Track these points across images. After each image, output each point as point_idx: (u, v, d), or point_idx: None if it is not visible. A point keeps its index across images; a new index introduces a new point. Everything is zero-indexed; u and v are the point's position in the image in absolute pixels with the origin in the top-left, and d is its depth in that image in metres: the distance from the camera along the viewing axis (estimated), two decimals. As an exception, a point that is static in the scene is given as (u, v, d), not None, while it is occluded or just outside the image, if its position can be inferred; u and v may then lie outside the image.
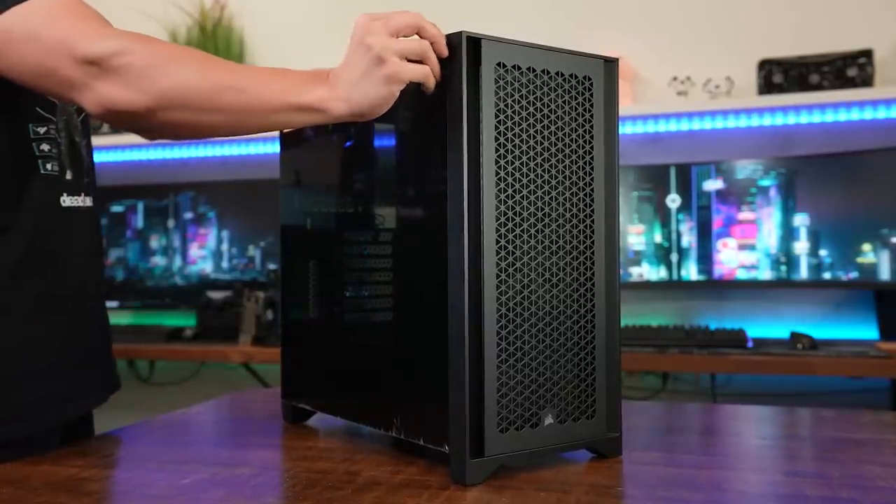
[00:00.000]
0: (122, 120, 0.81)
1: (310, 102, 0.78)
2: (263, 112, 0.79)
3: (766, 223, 2.13)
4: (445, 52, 0.78)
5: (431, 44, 0.78)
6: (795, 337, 1.98)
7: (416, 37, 0.79)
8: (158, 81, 0.77)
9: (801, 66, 2.11)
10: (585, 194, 0.83)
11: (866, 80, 2.06)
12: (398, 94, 0.78)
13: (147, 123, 0.81)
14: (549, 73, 0.80)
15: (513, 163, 0.78)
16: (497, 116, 0.77)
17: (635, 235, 2.23)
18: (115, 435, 1.01)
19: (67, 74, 0.78)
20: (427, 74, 0.77)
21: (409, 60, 0.77)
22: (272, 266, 2.43)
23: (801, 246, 2.09)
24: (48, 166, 0.94)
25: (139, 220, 2.62)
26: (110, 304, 2.55)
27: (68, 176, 0.97)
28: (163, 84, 0.77)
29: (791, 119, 2.21)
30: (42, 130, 0.94)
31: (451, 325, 0.76)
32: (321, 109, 0.78)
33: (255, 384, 2.44)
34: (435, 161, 0.79)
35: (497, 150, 0.77)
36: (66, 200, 0.96)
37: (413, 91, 0.80)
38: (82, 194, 0.99)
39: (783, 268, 2.11)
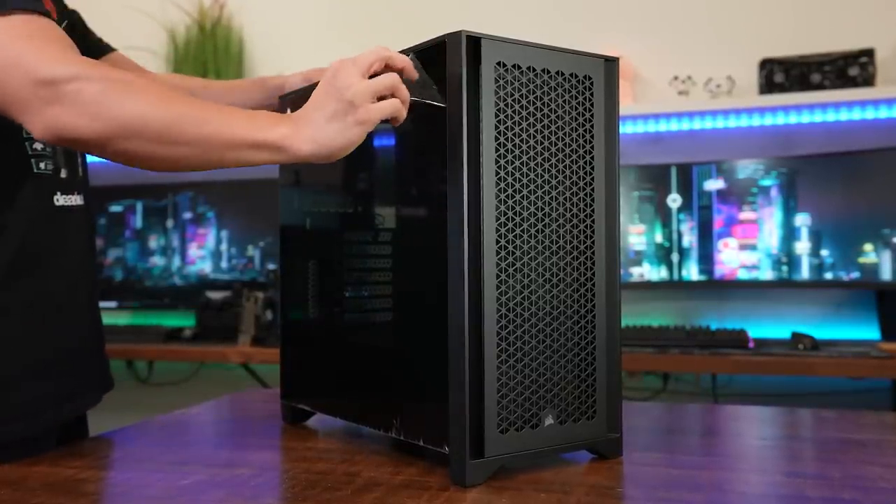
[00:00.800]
0: (74, 146, 0.80)
1: (273, 140, 0.76)
2: (223, 146, 0.77)
3: (768, 223, 2.12)
4: (414, 74, 0.79)
5: (401, 71, 0.79)
6: (797, 337, 1.98)
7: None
8: (113, 110, 0.75)
9: (803, 65, 2.11)
10: (586, 194, 0.83)
11: (868, 80, 2.06)
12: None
13: (99, 152, 0.79)
14: (549, 72, 0.80)
15: (513, 162, 0.78)
16: (497, 116, 0.77)
17: (636, 235, 2.23)
18: (114, 436, 1.00)
19: (19, 94, 0.76)
20: (397, 108, 0.78)
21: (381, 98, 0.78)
22: (271, 266, 2.43)
23: (803, 246, 2.09)
24: (42, 165, 0.93)
25: (138, 220, 2.62)
26: (109, 304, 2.56)
27: (63, 174, 0.96)
28: (117, 112, 0.75)
29: (792, 119, 2.20)
30: None
31: (451, 326, 0.76)
32: (284, 147, 0.76)
33: (255, 385, 2.43)
34: (435, 161, 0.79)
35: (497, 150, 0.77)
36: (60, 199, 0.96)
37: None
38: (76, 193, 0.99)
39: (784, 268, 2.11)
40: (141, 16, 2.54)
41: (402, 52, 0.83)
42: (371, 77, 0.78)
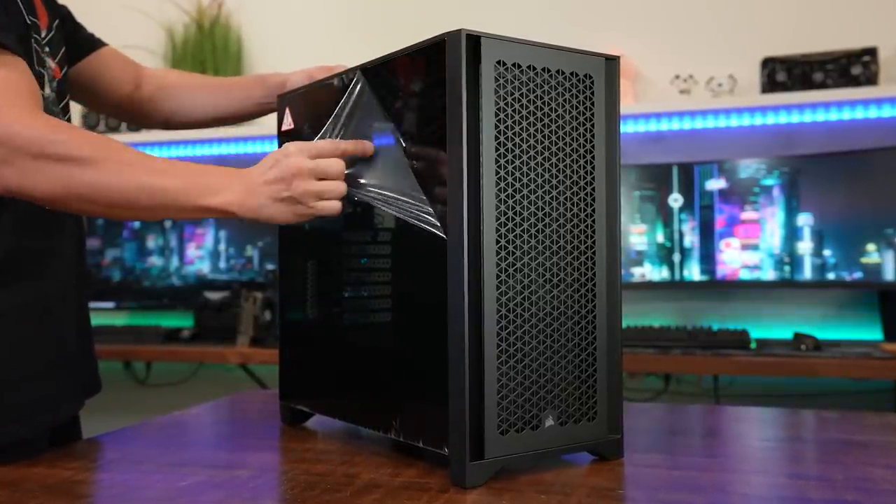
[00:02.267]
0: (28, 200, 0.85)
1: (219, 207, 0.84)
2: (175, 211, 0.85)
3: (770, 223, 2.12)
4: (370, 152, 0.87)
5: (355, 153, 0.87)
6: (799, 338, 1.97)
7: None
8: (73, 179, 0.81)
9: (805, 64, 2.10)
10: (586, 194, 0.82)
11: (870, 79, 2.05)
12: None
13: (52, 207, 0.86)
14: (549, 71, 0.80)
15: (513, 162, 0.77)
16: (497, 115, 0.76)
17: (637, 235, 2.22)
18: (112, 437, 1.00)
19: None
20: (336, 210, 0.86)
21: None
22: (270, 266, 2.42)
23: (805, 246, 2.08)
24: None
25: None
26: (107, 304, 2.55)
27: None
28: (76, 182, 0.81)
29: (794, 118, 2.20)
30: None
31: (451, 326, 0.75)
32: (230, 213, 0.85)
33: (253, 385, 2.43)
34: (434, 160, 0.78)
35: (497, 150, 0.76)
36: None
37: (413, 90, 0.79)
38: None
39: (786, 268, 2.10)
40: (139, 14, 2.54)
41: (402, 51, 0.83)
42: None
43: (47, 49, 1.00)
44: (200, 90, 1.21)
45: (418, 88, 0.81)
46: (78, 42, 1.12)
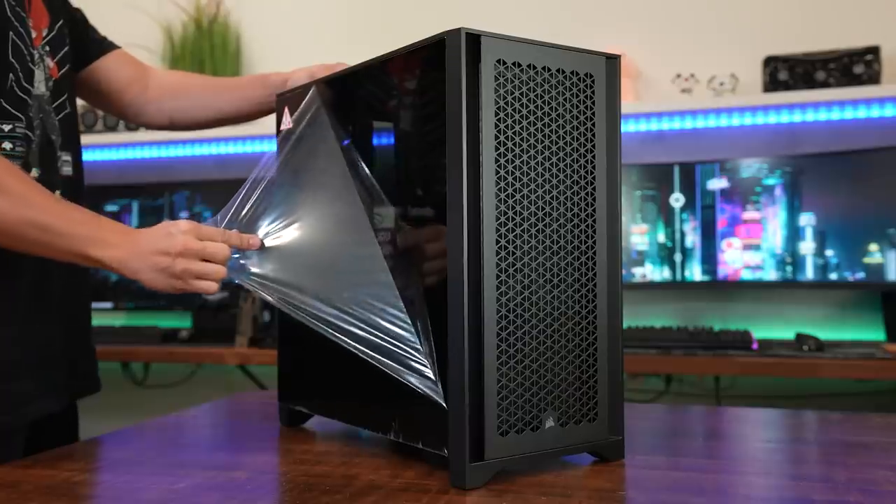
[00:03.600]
0: None
1: (102, 260, 0.89)
2: (60, 253, 0.90)
3: (772, 223, 2.11)
4: (257, 243, 0.93)
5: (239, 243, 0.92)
6: (801, 338, 1.96)
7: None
8: None
9: (807, 62, 2.10)
10: (587, 193, 0.82)
11: (873, 78, 2.05)
12: None
13: None
14: (549, 70, 0.79)
15: (513, 161, 0.77)
16: (497, 114, 0.76)
17: (638, 235, 2.21)
18: (110, 438, 1.00)
19: None
20: (211, 290, 0.92)
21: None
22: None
23: (807, 246, 2.08)
24: None
25: (134, 220, 2.61)
26: (104, 305, 2.55)
27: (34, 174, 0.98)
28: None
29: (797, 117, 2.19)
30: (7, 128, 0.94)
31: (451, 326, 0.75)
32: (112, 268, 0.90)
33: (252, 386, 2.42)
34: (434, 160, 0.78)
35: (497, 149, 0.76)
36: None
37: (413, 90, 0.78)
38: (53, 192, 1.00)
39: (789, 268, 2.09)
40: (137, 13, 2.53)
41: (401, 50, 0.82)
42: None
43: (47, 48, 1.02)
44: (203, 91, 1.22)
45: (418, 88, 0.81)
46: (88, 45, 1.15)
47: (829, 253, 2.06)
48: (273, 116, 1.11)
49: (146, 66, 1.23)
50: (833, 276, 2.05)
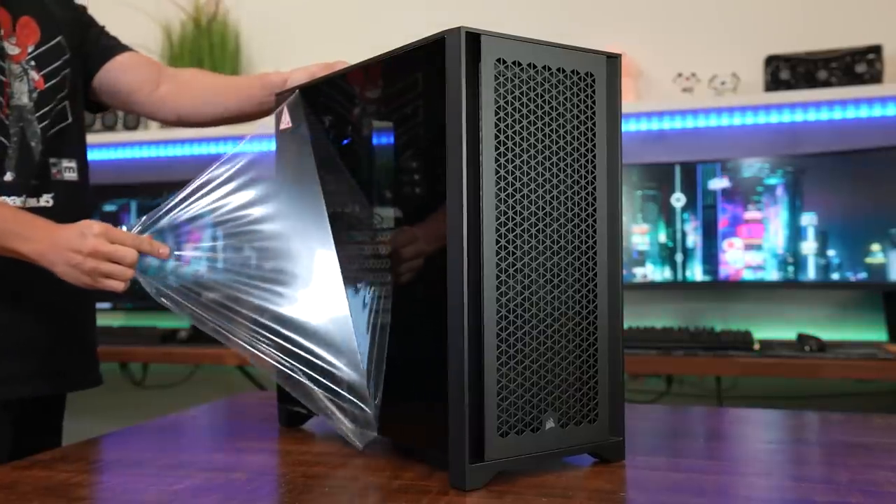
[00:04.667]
0: None
1: (24, 253, 0.98)
2: None
3: (773, 223, 2.11)
4: (166, 253, 1.00)
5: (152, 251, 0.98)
6: (803, 339, 1.96)
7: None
8: None
9: (809, 62, 2.09)
10: (588, 193, 0.81)
11: (875, 77, 2.04)
12: None
13: None
14: (550, 69, 0.79)
15: (513, 161, 0.76)
16: (497, 114, 0.75)
17: (639, 235, 2.21)
18: (108, 439, 1.00)
19: None
20: (116, 289, 0.99)
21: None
22: (272, 266, 2.41)
23: (809, 246, 2.07)
24: None
25: (132, 219, 2.60)
26: (103, 305, 2.54)
27: (7, 178, 1.06)
28: None
29: (798, 116, 2.19)
30: None
31: (451, 327, 0.75)
32: (33, 261, 0.98)
33: (251, 387, 2.42)
34: (434, 160, 0.77)
35: (497, 149, 0.75)
36: (8, 201, 1.05)
37: (412, 89, 0.78)
38: (25, 196, 1.07)
39: (790, 268, 2.09)
40: (136, 12, 2.53)
41: (401, 49, 0.82)
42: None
43: (32, 63, 1.10)
44: (210, 90, 1.25)
45: (417, 87, 0.81)
46: (95, 52, 1.21)
47: (830, 253, 2.05)
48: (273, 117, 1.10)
49: (159, 66, 1.27)
50: (835, 276, 2.05)
